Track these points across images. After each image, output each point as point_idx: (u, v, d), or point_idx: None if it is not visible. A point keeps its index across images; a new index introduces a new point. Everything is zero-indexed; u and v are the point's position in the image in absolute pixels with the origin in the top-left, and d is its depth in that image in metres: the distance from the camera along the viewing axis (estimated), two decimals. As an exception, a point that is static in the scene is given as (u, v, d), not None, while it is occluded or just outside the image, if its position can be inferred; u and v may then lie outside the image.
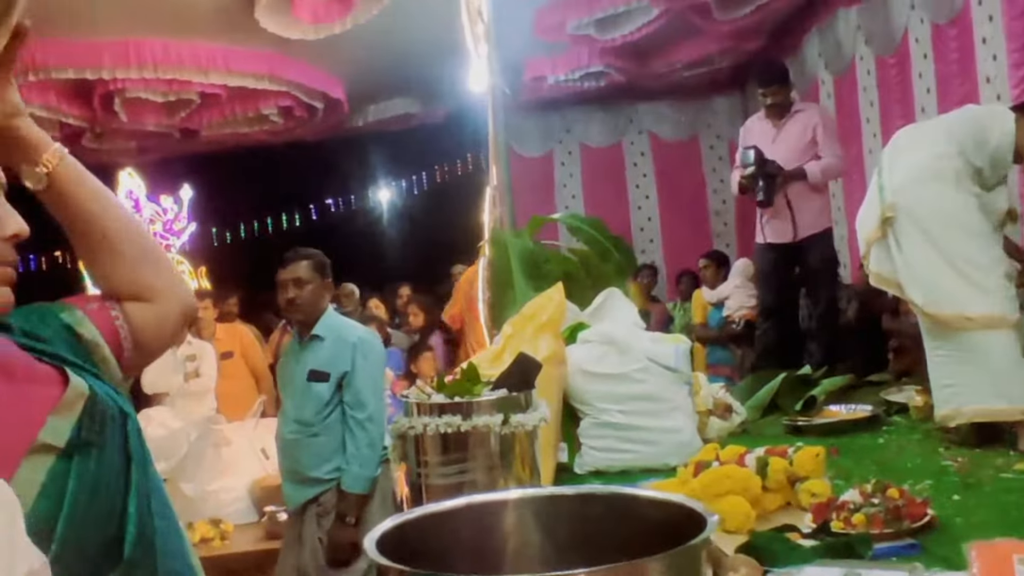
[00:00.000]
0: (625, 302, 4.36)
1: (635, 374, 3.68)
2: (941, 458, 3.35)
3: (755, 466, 2.90)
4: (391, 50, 8.18)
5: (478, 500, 1.41)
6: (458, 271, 8.51)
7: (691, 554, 1.12)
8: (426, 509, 1.37)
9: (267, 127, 9.70)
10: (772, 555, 2.32)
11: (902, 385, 4.61)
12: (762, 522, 2.74)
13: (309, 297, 3.75)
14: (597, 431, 3.71)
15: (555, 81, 9.28)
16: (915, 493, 2.75)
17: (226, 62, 7.85)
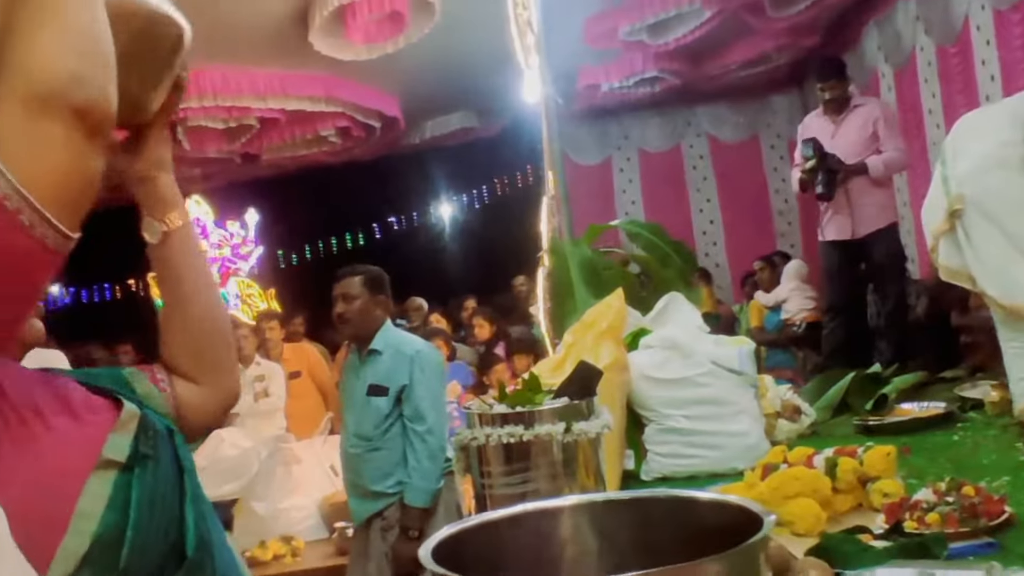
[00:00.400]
0: (687, 306, 4.31)
1: (699, 378, 3.63)
2: (1019, 453, 3.25)
3: (824, 467, 2.84)
4: (445, 66, 8.25)
5: (534, 507, 1.40)
6: (520, 283, 8.53)
7: (748, 555, 1.10)
8: (482, 517, 1.37)
9: (326, 148, 9.84)
10: (843, 557, 2.27)
11: (976, 381, 4.49)
12: (833, 524, 2.69)
13: (358, 311, 3.79)
14: (662, 437, 3.67)
15: (609, 88, 9.28)
16: (992, 490, 2.67)
17: (283, 87, 7.99)
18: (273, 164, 10.22)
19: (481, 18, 6.51)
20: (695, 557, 1.07)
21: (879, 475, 2.81)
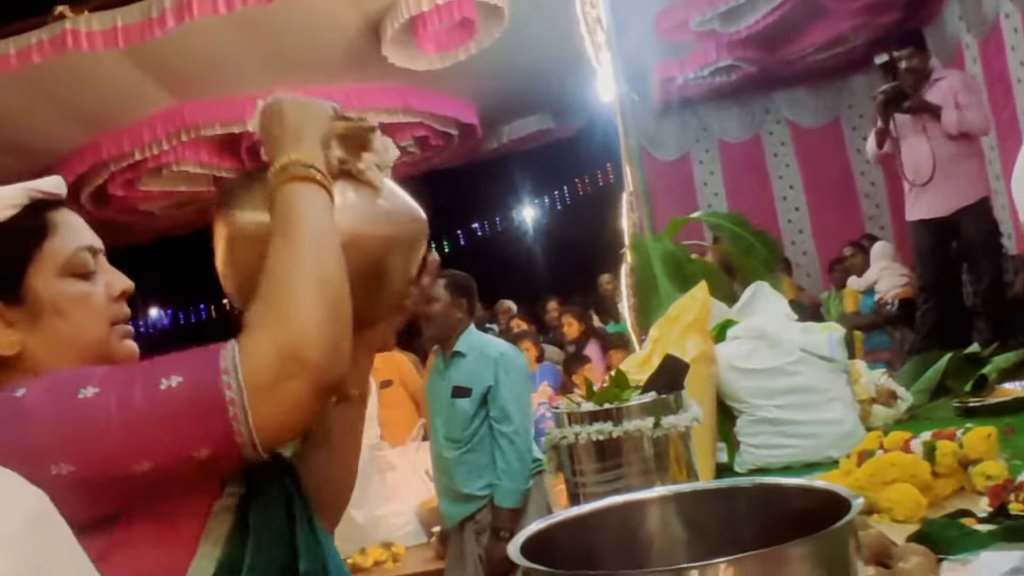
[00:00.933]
0: (774, 295, 4.25)
1: (788, 367, 3.58)
2: None
3: (922, 452, 2.78)
4: (518, 69, 8.29)
5: (621, 501, 1.40)
6: (606, 280, 8.52)
7: (836, 538, 1.09)
8: (569, 512, 1.38)
9: (405, 158, 9.96)
10: (946, 542, 2.22)
11: (1082, 356, 4.33)
12: (934, 509, 2.62)
13: (439, 312, 3.84)
14: (754, 428, 3.63)
15: (684, 80, 9.20)
16: (1101, 467, 2.59)
17: (360, 100, 8.11)
18: (355, 178, 10.39)
19: (550, 19, 6.53)
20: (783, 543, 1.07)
21: (980, 457, 2.74)
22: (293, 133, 1.22)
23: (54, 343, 1.19)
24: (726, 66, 9.07)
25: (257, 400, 1.04)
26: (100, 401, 1.05)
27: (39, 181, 1.23)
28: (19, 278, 1.18)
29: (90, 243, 1.24)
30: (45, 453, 1.04)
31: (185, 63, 6.93)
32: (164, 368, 1.07)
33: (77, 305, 1.20)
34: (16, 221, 1.19)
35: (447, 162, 10.94)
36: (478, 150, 10.93)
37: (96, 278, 1.24)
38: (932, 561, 2.08)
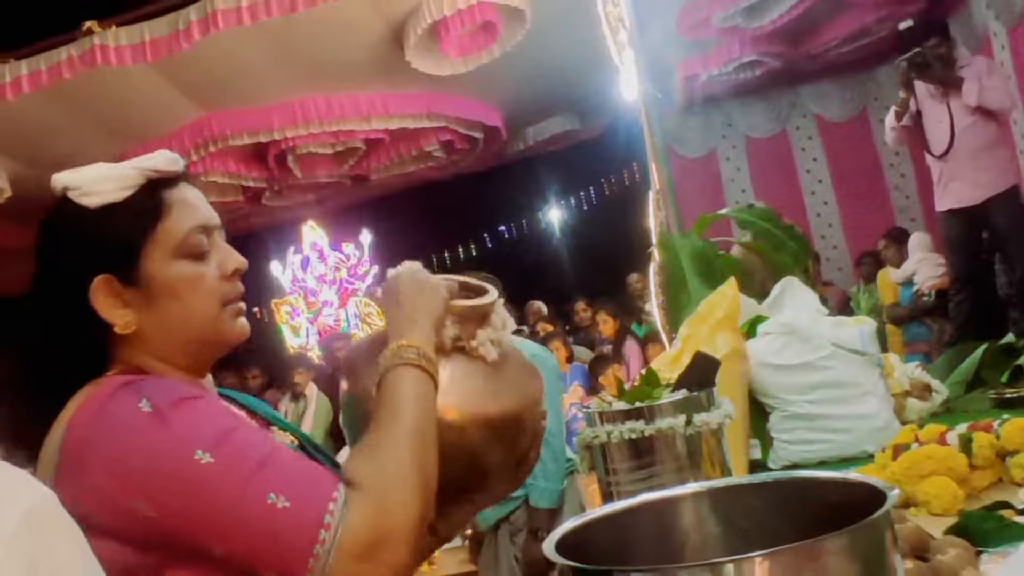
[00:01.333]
0: (804, 289, 4.22)
1: (820, 361, 3.55)
2: None
3: (958, 444, 2.75)
4: (541, 71, 8.29)
5: (655, 497, 1.41)
6: (634, 280, 8.49)
7: (872, 530, 1.09)
8: (604, 510, 1.38)
9: (431, 163, 10.00)
10: (984, 534, 2.20)
11: (1122, 344, 4.27)
12: (972, 501, 2.60)
13: None
14: (787, 424, 3.61)
15: (709, 77, 9.17)
16: None
17: (385, 107, 8.16)
18: (382, 184, 10.43)
19: (572, 20, 6.53)
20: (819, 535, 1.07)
21: (1018, 448, 2.71)
22: (408, 316, 1.27)
23: (167, 323, 1.22)
24: (750, 61, 9.03)
25: (341, 562, 1.06)
26: (210, 474, 1.06)
27: (155, 158, 1.23)
28: (135, 260, 1.20)
29: (204, 222, 1.26)
30: (137, 488, 1.07)
31: (211, 74, 6.99)
32: (277, 480, 1.07)
33: (190, 287, 1.22)
34: (131, 202, 1.20)
35: (473, 166, 10.96)
36: (503, 153, 10.94)
37: (209, 257, 1.25)
38: (971, 554, 2.06)
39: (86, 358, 1.22)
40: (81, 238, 1.20)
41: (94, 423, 1.11)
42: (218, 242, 1.28)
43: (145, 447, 1.07)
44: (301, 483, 1.09)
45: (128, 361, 1.22)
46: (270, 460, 1.10)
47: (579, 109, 10.27)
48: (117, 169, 1.21)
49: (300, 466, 1.11)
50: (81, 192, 1.20)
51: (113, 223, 1.20)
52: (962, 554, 2.02)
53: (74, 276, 1.20)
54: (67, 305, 1.21)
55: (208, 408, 1.14)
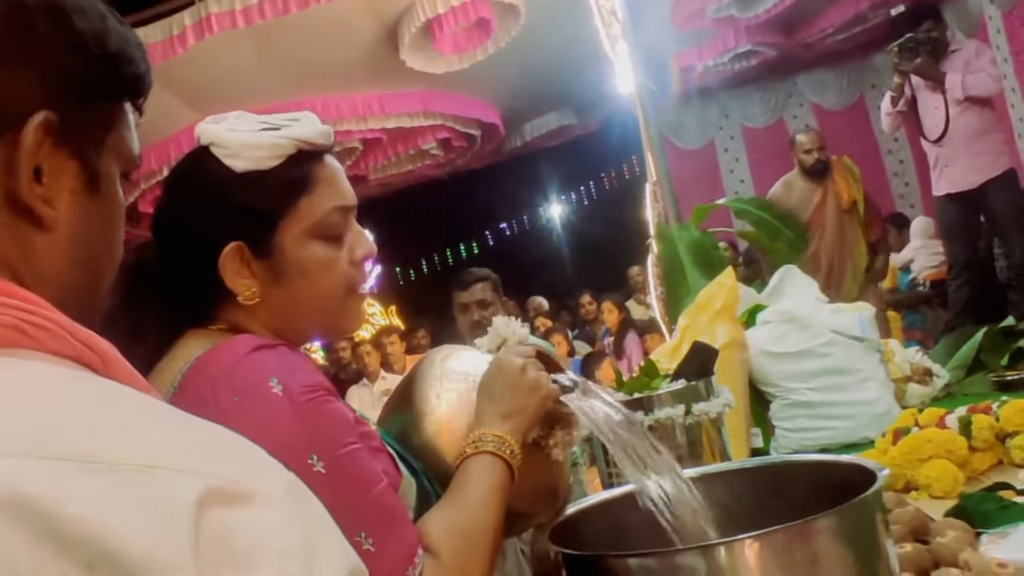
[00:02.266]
0: (803, 277, 4.23)
1: (819, 349, 3.56)
2: None
3: (958, 427, 2.76)
4: (536, 67, 8.29)
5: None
6: (635, 273, 8.51)
7: (862, 510, 1.10)
8: (598, 497, 1.40)
9: (429, 161, 10.00)
10: (984, 516, 2.20)
11: (1120, 323, 4.28)
12: (973, 484, 2.60)
13: (494, 316, 3.83)
14: (788, 412, 3.61)
15: (704, 68, 9.17)
16: None
17: (381, 106, 8.16)
18: (381, 183, 10.43)
19: (567, 15, 6.53)
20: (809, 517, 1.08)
21: (1017, 430, 2.72)
22: (505, 411, 1.24)
23: (291, 301, 1.18)
24: (745, 52, 9.02)
25: None
26: (315, 483, 1.00)
27: (308, 129, 1.19)
28: (271, 232, 1.16)
29: (344, 202, 1.22)
30: None
31: (207, 78, 7.00)
32: (373, 519, 1.05)
33: (321, 269, 1.19)
34: (279, 172, 1.16)
35: (471, 163, 10.96)
36: (501, 150, 10.94)
37: (344, 239, 1.22)
38: (970, 535, 2.07)
39: (195, 309, 1.19)
40: (221, 201, 1.16)
41: (221, 381, 1.06)
42: (353, 224, 1.25)
43: (263, 428, 1.00)
44: (394, 532, 1.06)
45: (233, 322, 1.18)
46: (376, 496, 1.07)
47: (576, 104, 10.28)
48: (269, 136, 1.16)
49: (397, 514, 1.09)
50: (229, 153, 1.15)
51: (257, 191, 1.16)
52: (961, 536, 2.02)
53: (206, 238, 1.16)
54: (192, 263, 1.17)
55: (338, 413, 1.10)
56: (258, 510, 0.54)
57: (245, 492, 0.54)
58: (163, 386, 1.10)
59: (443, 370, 1.36)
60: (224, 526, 0.52)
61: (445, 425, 1.30)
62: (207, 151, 1.17)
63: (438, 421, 1.30)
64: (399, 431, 1.33)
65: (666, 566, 1.06)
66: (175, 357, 1.14)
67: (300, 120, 1.20)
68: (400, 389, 1.40)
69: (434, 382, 1.34)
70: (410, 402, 1.33)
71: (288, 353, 1.12)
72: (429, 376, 1.35)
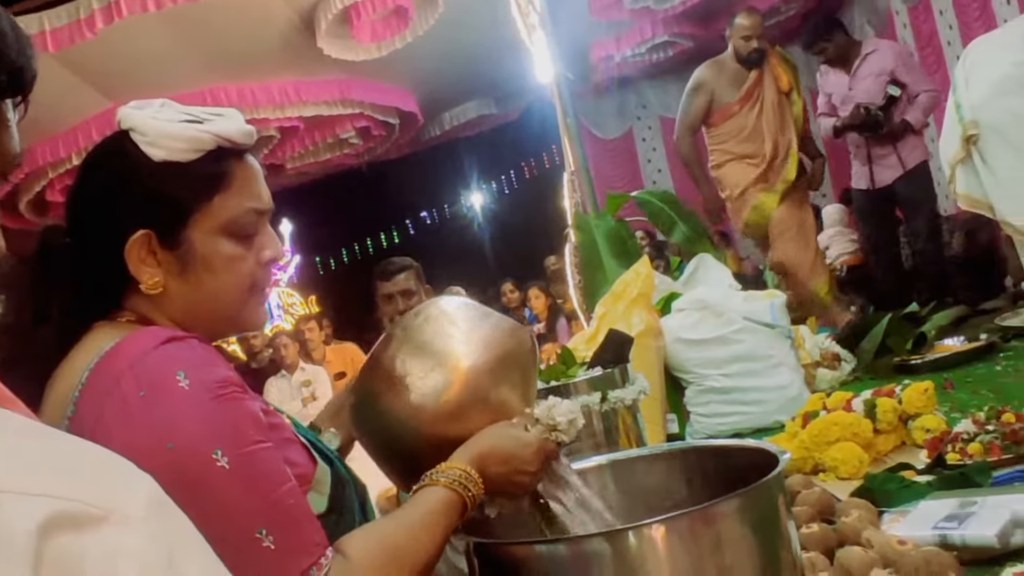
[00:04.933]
0: (717, 265, 4.32)
1: (732, 335, 3.64)
2: (1061, 375, 3.24)
3: (863, 410, 2.85)
4: (455, 55, 8.27)
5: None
6: (551, 262, 8.55)
7: (763, 493, 1.13)
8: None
9: (348, 150, 9.91)
10: (886, 495, 2.28)
11: (1017, 309, 4.44)
12: (878, 465, 2.69)
13: (418, 303, 3.82)
14: (702, 398, 3.69)
15: (622, 59, 9.24)
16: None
17: (298, 94, 8.05)
18: (299, 172, 10.30)
19: (485, 3, 6.52)
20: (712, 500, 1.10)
21: (919, 412, 2.81)
22: (483, 454, 1.22)
23: (194, 296, 1.18)
24: (662, 42, 9.11)
25: None
26: (217, 478, 1.02)
27: (231, 127, 1.18)
28: (181, 225, 1.16)
29: (259, 204, 1.21)
30: (142, 458, 1.00)
31: (117, 63, 6.83)
32: (275, 518, 1.04)
33: (227, 267, 1.18)
34: (197, 166, 1.15)
35: (391, 152, 10.89)
36: (421, 139, 10.89)
37: (254, 240, 1.21)
38: (873, 514, 2.13)
39: (103, 297, 1.18)
40: (134, 187, 1.15)
41: (127, 375, 1.05)
42: (265, 226, 1.24)
43: (168, 422, 1.01)
44: (296, 531, 1.05)
45: (140, 313, 1.17)
46: (280, 494, 1.06)
47: (495, 93, 10.27)
48: (192, 129, 1.15)
49: (301, 513, 1.08)
50: (148, 141, 1.14)
51: (173, 183, 1.15)
52: (864, 515, 2.09)
53: (115, 223, 1.15)
54: (97, 247, 1.16)
55: (246, 409, 1.09)
56: (112, 532, 0.51)
57: (98, 513, 0.51)
58: (70, 381, 1.09)
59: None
60: (72, 552, 0.48)
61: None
62: (126, 136, 1.16)
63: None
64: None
65: (574, 552, 1.08)
66: (82, 351, 1.12)
67: (224, 116, 1.20)
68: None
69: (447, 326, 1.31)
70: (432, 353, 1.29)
71: (198, 347, 1.12)
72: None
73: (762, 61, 5.36)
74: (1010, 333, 4.14)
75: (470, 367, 1.25)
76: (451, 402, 1.23)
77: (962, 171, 3.54)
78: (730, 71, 5.49)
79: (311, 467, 1.18)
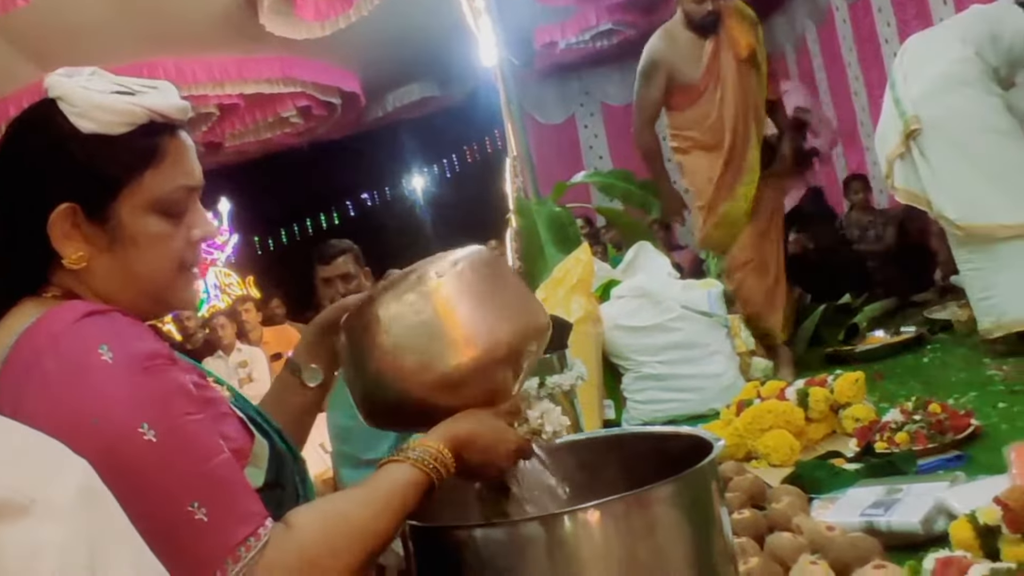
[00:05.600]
0: (656, 254, 4.37)
1: (670, 323, 3.68)
2: (986, 369, 3.32)
3: (796, 399, 2.90)
4: (400, 37, 8.20)
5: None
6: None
7: (697, 479, 1.14)
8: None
9: (288, 129, 9.79)
10: (816, 482, 2.33)
11: (945, 302, 4.55)
12: (808, 452, 2.75)
13: (358, 290, 3.79)
14: (639, 384, 3.73)
15: (566, 45, 9.25)
16: (959, 406, 2.74)
17: (239, 71, 7.92)
18: (238, 151, 10.14)
19: (431, -15, 6.49)
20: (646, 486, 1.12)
21: (850, 401, 2.88)
22: (461, 435, 1.18)
23: (120, 273, 1.14)
24: (606, 30, 9.13)
25: None
26: (145, 452, 0.99)
27: (164, 102, 1.13)
28: (109, 200, 1.11)
29: (190, 181, 1.17)
30: (67, 435, 0.96)
31: (52, 34, 6.65)
32: (207, 491, 1.01)
33: (154, 245, 1.14)
34: (127, 140, 1.11)
35: (332, 133, 10.77)
36: (363, 120, 10.79)
37: (184, 218, 1.17)
38: (803, 501, 2.18)
39: (28, 272, 1.13)
40: (61, 159, 1.10)
41: (47, 350, 1.02)
42: (196, 203, 1.19)
43: (90, 397, 0.98)
44: (231, 503, 1.02)
45: (67, 288, 1.13)
46: (213, 466, 1.03)
47: (439, 76, 10.21)
48: (123, 101, 1.11)
49: (236, 485, 1.04)
50: (77, 112, 1.10)
51: (102, 156, 1.10)
52: (795, 501, 2.13)
53: (40, 196, 1.10)
54: (22, 221, 1.11)
55: (174, 381, 1.05)
56: (34, 523, 0.49)
57: (20, 502, 0.49)
58: None
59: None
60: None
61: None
62: (54, 105, 1.12)
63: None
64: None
65: (510, 536, 1.09)
66: (4, 328, 1.09)
67: (158, 89, 1.15)
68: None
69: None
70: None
71: (121, 320, 1.08)
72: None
73: (717, 26, 4.62)
74: (938, 326, 4.25)
75: (487, 344, 1.18)
76: (453, 375, 1.17)
77: (900, 166, 3.62)
78: (684, 42, 4.70)
79: (248, 441, 1.15)
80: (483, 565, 1.08)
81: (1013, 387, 2.98)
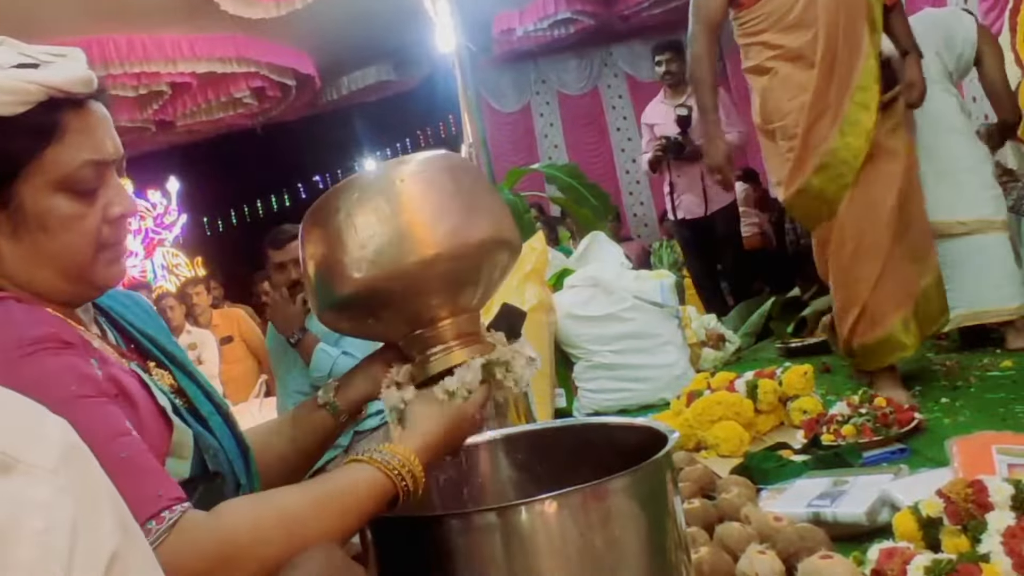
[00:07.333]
0: (610, 244, 4.38)
1: (622, 313, 3.71)
2: (930, 364, 3.40)
3: (745, 390, 2.94)
4: (357, 19, 8.14)
5: (454, 446, 1.43)
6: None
7: (653, 471, 1.15)
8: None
9: (242, 110, 9.68)
10: (764, 473, 2.36)
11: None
12: (757, 443, 2.79)
13: None
14: (591, 373, 3.75)
15: (524, 32, 9.25)
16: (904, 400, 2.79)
17: (192, 49, 7.81)
18: (190, 130, 10.01)
19: (389, -32, 6.44)
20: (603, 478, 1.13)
21: (798, 394, 2.92)
22: (430, 444, 1.17)
23: (33, 257, 1.09)
24: (564, 19, 9.16)
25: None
26: None
27: (64, 76, 1.07)
28: (10, 181, 1.06)
29: (99, 156, 1.11)
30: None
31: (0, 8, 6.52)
32: (121, 469, 0.92)
33: (65, 226, 1.09)
34: (23, 119, 1.05)
35: (287, 114, 10.67)
36: (318, 102, 10.71)
37: (98, 195, 1.11)
38: (751, 491, 2.21)
39: None
40: None
41: None
42: (111, 179, 1.13)
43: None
44: (131, 484, 0.92)
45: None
46: (113, 447, 0.96)
47: (395, 59, 10.16)
48: (18, 80, 1.04)
49: (138, 466, 0.99)
50: None
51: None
52: (743, 491, 2.16)
53: None
54: None
55: (65, 364, 1.01)
56: (19, 482, 0.49)
57: (6, 460, 0.50)
58: None
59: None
60: None
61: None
62: None
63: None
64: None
65: (467, 527, 1.09)
66: None
67: (66, 57, 1.10)
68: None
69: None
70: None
71: (13, 306, 1.05)
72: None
73: None
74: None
75: (454, 241, 1.18)
76: (417, 267, 1.16)
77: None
78: None
79: (163, 429, 1.10)
80: (441, 555, 1.08)
81: (955, 382, 3.05)
